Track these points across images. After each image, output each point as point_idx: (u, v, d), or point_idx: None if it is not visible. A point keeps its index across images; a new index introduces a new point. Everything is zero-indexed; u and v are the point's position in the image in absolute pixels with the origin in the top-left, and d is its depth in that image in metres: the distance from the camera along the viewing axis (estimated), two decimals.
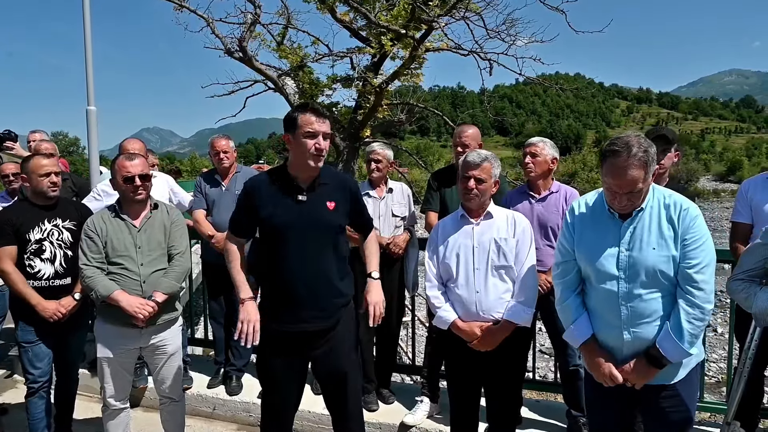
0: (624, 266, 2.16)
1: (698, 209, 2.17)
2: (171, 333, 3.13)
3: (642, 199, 2.14)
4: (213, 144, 4.12)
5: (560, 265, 2.39)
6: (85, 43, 8.57)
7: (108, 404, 3.08)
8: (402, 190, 3.95)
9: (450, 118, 11.15)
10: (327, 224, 2.51)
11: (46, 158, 3.26)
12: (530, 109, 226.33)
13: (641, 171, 2.03)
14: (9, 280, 3.14)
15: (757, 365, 2.88)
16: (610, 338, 2.24)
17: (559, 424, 3.51)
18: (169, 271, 3.07)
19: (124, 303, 2.86)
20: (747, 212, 3.18)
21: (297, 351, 2.58)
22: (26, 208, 3.24)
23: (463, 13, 8.45)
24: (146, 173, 3.00)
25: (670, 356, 2.10)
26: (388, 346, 4.01)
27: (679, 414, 2.23)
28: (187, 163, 63.53)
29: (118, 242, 2.95)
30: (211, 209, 4.09)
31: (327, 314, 2.55)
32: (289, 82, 9.35)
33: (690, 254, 2.09)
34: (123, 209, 3.03)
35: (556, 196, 3.32)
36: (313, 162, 2.43)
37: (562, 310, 2.39)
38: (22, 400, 3.46)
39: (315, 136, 2.40)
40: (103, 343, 3.00)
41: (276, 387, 2.64)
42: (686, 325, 2.07)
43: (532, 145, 3.35)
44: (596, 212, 2.28)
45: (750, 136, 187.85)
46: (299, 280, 2.49)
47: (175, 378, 3.21)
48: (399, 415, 3.67)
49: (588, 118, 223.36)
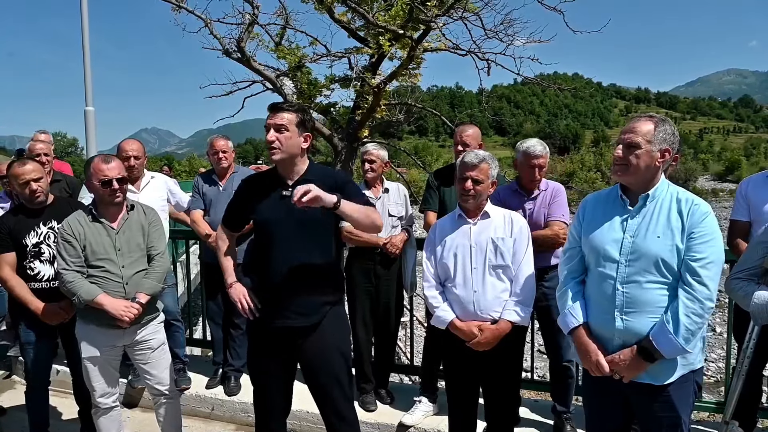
0: (626, 252, 2.14)
1: (710, 208, 2.14)
2: (153, 328, 3.13)
3: (647, 183, 2.15)
4: (212, 144, 4.13)
5: (567, 251, 2.42)
6: (83, 45, 8.57)
7: (98, 404, 3.06)
8: (398, 190, 3.95)
9: (448, 118, 11.15)
10: (309, 220, 2.48)
11: (25, 165, 3.17)
12: (528, 109, 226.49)
13: (650, 128, 2.09)
14: (9, 287, 3.14)
15: (756, 364, 2.88)
16: (603, 326, 2.22)
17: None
18: (150, 272, 3.06)
19: (109, 306, 2.85)
20: (745, 211, 3.19)
21: (284, 349, 2.59)
22: (20, 213, 3.22)
23: (461, 13, 8.45)
24: (123, 176, 2.98)
25: (663, 350, 2.05)
26: (386, 346, 4.02)
27: (669, 419, 2.17)
28: (185, 164, 63.45)
29: (98, 245, 2.93)
30: (209, 209, 4.10)
31: (308, 312, 2.54)
32: (287, 82, 9.35)
33: (696, 248, 2.06)
34: (99, 212, 3.00)
35: (545, 194, 3.34)
36: (270, 156, 2.47)
37: (560, 295, 2.40)
38: (20, 401, 3.46)
39: (268, 130, 2.46)
40: (86, 343, 2.98)
41: (264, 384, 2.67)
42: (684, 319, 2.02)
43: (540, 157, 3.27)
44: (609, 201, 2.30)
45: (748, 136, 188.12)
46: (281, 276, 2.50)
47: (163, 371, 3.18)
48: (397, 415, 3.67)
49: (586, 117, 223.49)
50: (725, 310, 11.66)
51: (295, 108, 2.51)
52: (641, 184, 2.18)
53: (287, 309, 2.53)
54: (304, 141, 2.52)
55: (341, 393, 2.63)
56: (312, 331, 2.57)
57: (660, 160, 2.12)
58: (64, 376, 4.07)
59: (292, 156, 2.50)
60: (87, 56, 8.49)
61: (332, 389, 2.62)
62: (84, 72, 8.65)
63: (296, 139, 2.48)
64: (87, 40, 8.51)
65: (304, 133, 2.51)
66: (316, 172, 2.58)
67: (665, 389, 2.15)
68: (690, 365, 2.16)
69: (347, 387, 2.66)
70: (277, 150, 2.45)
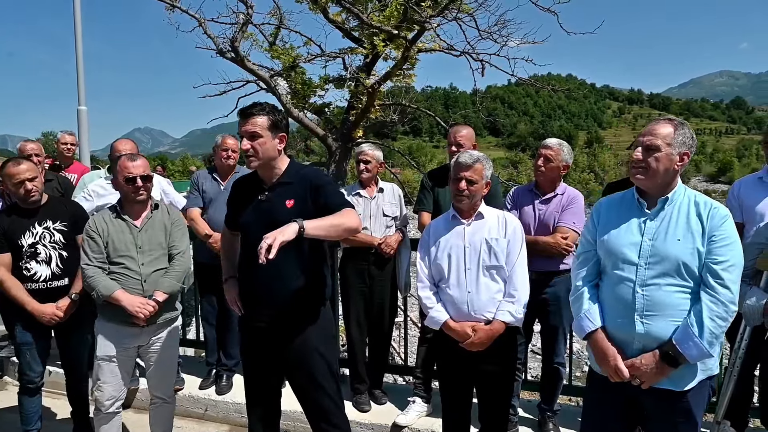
0: (645, 255, 2.11)
1: (728, 211, 2.12)
2: (169, 333, 3.15)
3: (665, 186, 2.14)
4: (223, 141, 4.08)
5: (580, 255, 2.37)
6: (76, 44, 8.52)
7: (103, 408, 3.04)
8: (393, 190, 3.95)
9: (442, 118, 11.14)
10: (283, 223, 2.32)
11: (20, 164, 3.15)
12: (522, 109, 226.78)
13: (670, 131, 2.09)
14: (4, 288, 3.12)
15: (747, 365, 2.90)
16: (622, 330, 2.16)
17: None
18: (169, 270, 3.10)
19: (125, 302, 2.90)
20: (738, 212, 3.21)
21: (268, 347, 2.59)
22: (14, 214, 3.21)
23: (455, 13, 8.44)
24: (148, 174, 3.03)
25: (687, 353, 2.00)
26: (380, 347, 4.01)
27: (686, 425, 2.13)
28: (178, 164, 63.22)
29: (120, 242, 2.99)
30: (208, 207, 4.07)
31: (283, 312, 2.53)
32: (281, 82, 9.32)
33: (718, 251, 2.04)
34: (124, 209, 3.06)
35: (559, 198, 3.34)
36: (248, 164, 2.49)
37: (574, 300, 2.34)
38: (11, 402, 3.44)
39: (241, 138, 2.47)
40: (104, 340, 3.02)
41: (253, 383, 2.70)
42: (708, 323, 1.98)
43: (548, 148, 3.32)
44: (624, 203, 2.27)
45: (740, 137, 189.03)
46: (256, 278, 2.52)
47: (169, 378, 3.23)
48: (391, 415, 3.67)
49: (580, 118, 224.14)
50: None
51: (266, 110, 2.46)
52: (659, 188, 2.15)
53: (264, 311, 2.55)
54: (279, 142, 2.49)
55: (323, 394, 2.60)
56: (290, 333, 2.56)
57: (679, 163, 2.10)
58: (57, 377, 4.05)
59: (269, 159, 2.49)
60: (80, 55, 8.43)
61: (312, 391, 2.60)
62: (77, 71, 8.60)
63: (271, 142, 2.45)
64: (80, 40, 8.45)
65: (279, 134, 2.48)
66: (292, 173, 2.55)
67: (684, 395, 2.11)
68: (709, 371, 2.13)
69: (330, 389, 2.61)
70: (254, 158, 2.45)
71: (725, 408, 2.81)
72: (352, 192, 3.83)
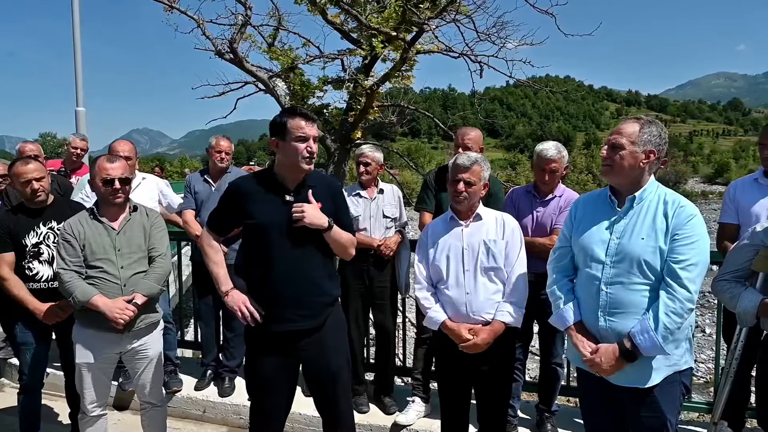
0: (612, 253, 2.17)
1: (698, 210, 2.15)
2: (151, 338, 3.08)
3: (635, 184, 2.19)
4: (216, 143, 4.11)
5: (557, 250, 2.45)
6: (74, 45, 8.52)
7: (87, 411, 3.01)
8: (393, 191, 3.96)
9: (441, 120, 11.14)
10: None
11: (28, 164, 3.16)
12: (521, 111, 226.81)
13: (635, 129, 2.14)
14: (7, 287, 3.12)
15: (744, 365, 2.91)
16: (592, 326, 2.24)
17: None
18: (149, 272, 3.02)
19: (103, 308, 2.80)
20: (734, 213, 3.22)
21: (286, 352, 2.58)
22: (20, 213, 3.21)
23: (453, 15, 8.45)
24: (126, 177, 2.95)
25: (641, 345, 2.06)
26: (386, 350, 3.97)
27: (654, 420, 2.18)
28: (176, 165, 63.15)
29: (97, 245, 2.89)
30: (200, 209, 4.08)
31: (312, 314, 2.56)
32: (279, 83, 9.32)
33: (678, 249, 2.07)
34: (100, 212, 2.97)
35: (557, 200, 3.36)
36: (305, 164, 2.48)
37: (551, 293, 2.42)
38: (9, 403, 3.43)
39: (306, 140, 2.45)
40: (82, 348, 2.93)
41: (266, 389, 2.63)
42: (663, 318, 2.04)
43: (552, 161, 3.29)
44: (599, 201, 2.33)
45: (737, 139, 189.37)
46: (284, 280, 2.50)
47: (156, 383, 3.16)
48: (390, 415, 3.67)
49: (578, 120, 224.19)
50: (714, 311, 11.73)
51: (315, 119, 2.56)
52: (628, 185, 2.21)
53: (291, 313, 2.52)
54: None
55: (344, 393, 2.68)
56: (315, 332, 2.59)
57: (645, 161, 2.15)
58: (56, 379, 4.04)
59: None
60: (78, 56, 8.44)
61: (335, 389, 2.64)
62: (75, 72, 8.61)
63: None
64: (78, 40, 8.47)
65: None
66: (314, 177, 2.61)
67: (650, 392, 2.16)
68: (675, 366, 2.17)
69: (347, 387, 2.71)
70: (314, 160, 2.52)
71: (722, 408, 2.82)
72: (352, 192, 3.82)
